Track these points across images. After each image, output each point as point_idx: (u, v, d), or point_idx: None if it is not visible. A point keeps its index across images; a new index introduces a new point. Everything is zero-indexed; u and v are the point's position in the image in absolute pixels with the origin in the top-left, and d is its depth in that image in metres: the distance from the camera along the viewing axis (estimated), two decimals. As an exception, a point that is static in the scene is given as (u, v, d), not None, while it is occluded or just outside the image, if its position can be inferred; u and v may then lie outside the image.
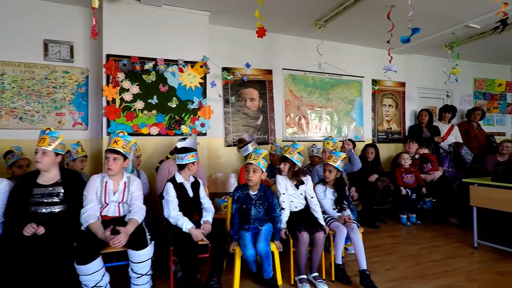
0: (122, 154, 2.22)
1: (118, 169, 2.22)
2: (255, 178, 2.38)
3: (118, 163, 2.21)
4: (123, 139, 2.24)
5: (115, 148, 2.20)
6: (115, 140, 2.22)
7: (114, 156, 2.19)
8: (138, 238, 2.07)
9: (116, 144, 2.21)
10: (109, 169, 2.19)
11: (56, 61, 3.53)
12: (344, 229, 2.42)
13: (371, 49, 4.92)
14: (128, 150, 2.26)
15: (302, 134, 4.59)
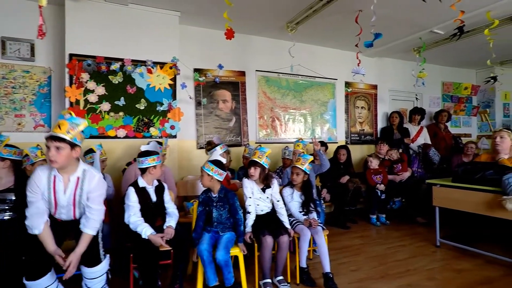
0: (68, 141, 1.74)
1: (64, 161, 1.76)
2: (203, 182, 2.34)
3: (62, 153, 1.73)
4: (69, 121, 1.75)
5: (57, 135, 1.72)
6: (58, 123, 1.74)
7: (56, 144, 1.71)
8: (90, 254, 1.89)
9: (59, 129, 1.72)
10: (52, 161, 1.74)
11: (15, 60, 3.36)
12: (308, 232, 2.43)
13: (344, 51, 5.00)
14: (77, 135, 1.79)
15: (276, 136, 4.60)
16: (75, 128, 1.78)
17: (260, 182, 2.49)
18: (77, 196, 1.86)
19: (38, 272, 1.77)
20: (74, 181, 1.86)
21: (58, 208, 1.88)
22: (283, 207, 2.54)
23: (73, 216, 1.91)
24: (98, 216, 1.94)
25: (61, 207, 1.87)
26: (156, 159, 2.34)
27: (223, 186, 2.43)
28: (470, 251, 3.02)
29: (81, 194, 1.87)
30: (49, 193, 1.82)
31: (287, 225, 2.47)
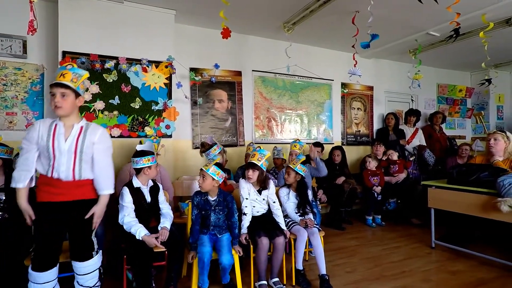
0: (73, 89, 1.78)
1: (68, 108, 1.77)
2: (205, 185, 2.30)
3: (68, 100, 1.76)
4: (72, 71, 1.80)
5: (62, 82, 1.75)
6: (61, 73, 1.78)
7: (62, 90, 1.74)
8: (82, 247, 1.86)
9: (63, 77, 1.77)
10: (57, 107, 1.74)
11: (7, 57, 3.29)
12: (304, 233, 2.42)
13: (341, 52, 5.00)
14: (80, 85, 1.82)
15: (272, 137, 4.58)
16: (78, 78, 1.81)
17: (257, 184, 2.47)
18: (79, 145, 1.80)
19: (45, 264, 1.76)
20: (77, 130, 1.82)
21: (56, 160, 1.76)
22: (279, 208, 2.52)
23: (72, 172, 1.79)
24: (110, 172, 1.92)
25: (60, 157, 1.77)
26: (151, 159, 2.31)
27: (221, 189, 2.40)
28: (465, 253, 3.03)
29: (84, 142, 1.81)
30: (47, 140, 1.75)
31: (283, 226, 2.46)
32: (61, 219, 1.80)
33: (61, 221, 1.81)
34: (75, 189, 1.83)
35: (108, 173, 1.94)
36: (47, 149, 1.76)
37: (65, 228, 1.85)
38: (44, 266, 1.76)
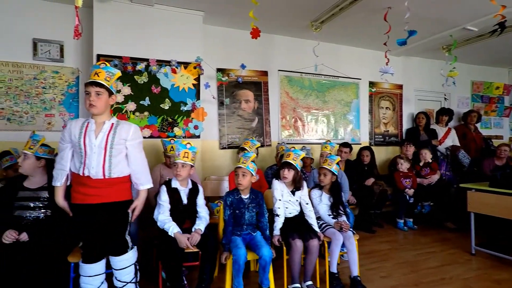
0: (106, 87, 1.84)
1: (102, 106, 1.83)
2: (245, 182, 2.31)
3: (102, 98, 1.82)
4: (106, 70, 1.84)
5: (96, 80, 1.81)
6: (95, 71, 1.82)
7: (97, 89, 1.80)
8: (117, 243, 1.92)
9: (97, 76, 1.81)
10: (92, 106, 1.80)
11: (46, 61, 3.44)
12: (340, 237, 2.36)
13: (368, 51, 4.87)
14: (113, 84, 1.89)
15: (298, 137, 4.53)
16: (111, 76, 1.87)
17: (291, 185, 2.43)
18: (110, 141, 1.83)
19: (93, 257, 1.85)
20: (108, 126, 1.86)
21: (87, 157, 1.80)
22: (312, 210, 2.47)
23: (102, 169, 1.81)
24: (146, 166, 1.99)
25: (90, 154, 1.80)
26: (181, 158, 2.32)
27: (252, 188, 2.39)
28: (509, 260, 2.85)
29: (114, 138, 1.84)
30: (79, 137, 1.81)
31: (316, 228, 2.41)
32: (95, 220, 1.85)
33: (95, 222, 1.86)
34: (106, 189, 1.85)
35: (145, 167, 1.99)
36: (79, 145, 1.81)
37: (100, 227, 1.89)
38: (92, 258, 1.84)
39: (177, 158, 2.29)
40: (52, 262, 1.99)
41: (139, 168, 1.95)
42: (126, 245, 1.94)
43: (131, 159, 1.92)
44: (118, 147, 1.86)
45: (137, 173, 1.95)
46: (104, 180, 1.84)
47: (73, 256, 2.03)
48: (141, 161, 1.96)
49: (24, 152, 2.11)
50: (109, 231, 1.89)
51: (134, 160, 1.93)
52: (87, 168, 1.81)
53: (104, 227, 1.87)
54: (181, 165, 2.27)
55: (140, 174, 1.96)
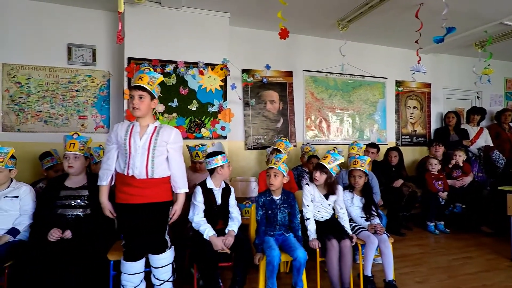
0: (149, 91, 1.90)
1: (145, 109, 1.91)
2: (277, 183, 2.31)
3: (145, 102, 1.89)
4: (149, 75, 1.91)
5: (140, 85, 1.88)
6: (139, 76, 1.90)
7: (140, 93, 1.87)
8: (157, 242, 1.98)
9: (141, 81, 1.88)
10: (135, 109, 1.87)
11: (79, 65, 3.56)
12: (375, 240, 2.30)
13: (396, 49, 4.75)
14: (155, 88, 1.94)
15: (323, 137, 4.47)
16: (154, 81, 1.93)
17: (324, 188, 2.40)
18: (153, 142, 1.90)
19: (134, 255, 1.91)
20: (151, 129, 1.94)
21: (131, 158, 1.87)
22: (345, 213, 2.43)
23: (145, 169, 1.88)
24: (183, 171, 2.04)
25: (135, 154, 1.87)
26: (223, 158, 2.34)
27: (283, 188, 2.38)
28: (554, 267, 2.70)
29: (157, 140, 1.91)
30: (125, 139, 1.89)
31: (348, 230, 2.37)
32: (137, 220, 1.91)
33: (138, 222, 1.91)
34: (149, 189, 1.91)
35: (182, 172, 2.04)
36: (125, 146, 1.89)
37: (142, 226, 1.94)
38: (134, 256, 1.91)
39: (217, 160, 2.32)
40: (93, 259, 2.04)
41: (177, 172, 2.00)
42: (165, 244, 1.99)
43: (171, 162, 1.98)
44: (160, 149, 1.92)
45: (175, 176, 2.00)
46: (147, 180, 1.90)
47: (113, 254, 2.09)
48: (179, 165, 2.02)
49: (74, 154, 2.20)
50: (150, 231, 1.94)
51: (174, 163, 1.99)
52: (131, 168, 1.88)
53: (146, 226, 1.92)
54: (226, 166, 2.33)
55: (178, 177, 2.01)
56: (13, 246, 2.01)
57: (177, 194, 2.04)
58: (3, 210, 2.09)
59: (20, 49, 3.35)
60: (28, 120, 3.39)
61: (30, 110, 3.40)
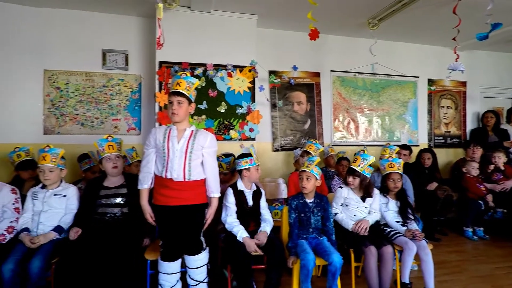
0: (186, 96, 1.96)
1: (183, 114, 1.97)
2: (309, 186, 2.28)
3: (183, 107, 1.95)
4: (186, 80, 1.96)
5: (178, 90, 1.94)
6: (177, 82, 1.96)
7: (178, 99, 1.93)
8: (193, 243, 2.01)
9: (179, 86, 1.94)
10: (174, 114, 1.93)
11: (113, 69, 3.70)
12: (413, 246, 2.21)
13: (428, 46, 4.57)
14: (192, 93, 2.00)
15: (352, 138, 4.38)
16: (191, 86, 1.98)
17: (360, 191, 2.34)
18: (190, 146, 1.95)
19: (171, 255, 1.96)
20: (188, 133, 1.98)
21: (169, 161, 1.92)
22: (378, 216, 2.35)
23: (183, 172, 1.92)
24: (217, 175, 2.07)
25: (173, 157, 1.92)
26: (249, 161, 2.35)
27: (316, 192, 2.35)
28: None
29: (194, 144, 1.96)
30: (163, 142, 1.94)
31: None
32: (175, 221, 1.96)
33: (175, 223, 1.96)
34: (186, 192, 1.95)
35: (216, 176, 2.07)
36: (163, 150, 1.94)
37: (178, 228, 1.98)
38: (170, 257, 1.96)
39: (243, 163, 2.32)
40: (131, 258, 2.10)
41: (211, 176, 2.03)
42: (201, 245, 2.02)
43: (205, 166, 2.02)
44: (196, 153, 1.96)
45: (210, 180, 2.03)
46: (185, 183, 1.94)
47: (150, 253, 2.15)
48: (213, 169, 2.05)
49: (116, 154, 2.29)
50: (187, 232, 1.98)
51: (208, 167, 2.02)
52: (169, 171, 1.92)
53: (182, 228, 1.96)
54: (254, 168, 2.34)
55: (212, 181, 2.04)
56: (59, 243, 2.11)
57: (211, 198, 2.06)
58: (52, 207, 2.21)
59: (59, 55, 3.52)
60: (67, 123, 3.56)
61: (69, 113, 3.57)
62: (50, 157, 2.19)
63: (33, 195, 2.25)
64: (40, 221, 2.17)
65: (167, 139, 1.95)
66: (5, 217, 2.13)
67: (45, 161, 2.19)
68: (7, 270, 1.87)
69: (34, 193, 2.26)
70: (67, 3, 3.42)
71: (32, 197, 2.24)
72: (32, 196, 2.25)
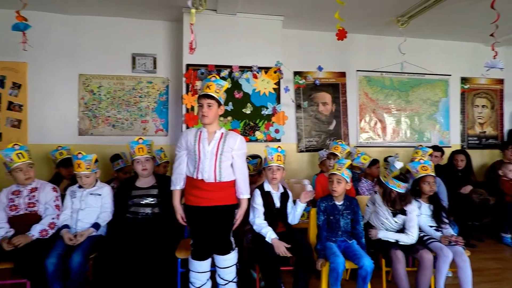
0: (216, 99, 1.98)
1: (213, 116, 1.99)
2: (340, 189, 2.24)
3: (212, 110, 1.97)
4: (216, 83, 1.99)
5: (208, 93, 1.96)
6: (207, 85, 1.99)
7: (208, 101, 1.96)
8: (223, 243, 2.03)
9: (209, 89, 1.97)
10: (204, 116, 1.96)
11: (142, 73, 3.82)
12: (449, 253, 2.12)
13: (461, 43, 4.37)
14: (221, 95, 2.02)
15: (378, 139, 4.26)
16: (220, 88, 2.01)
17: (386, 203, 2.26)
18: (220, 148, 1.98)
19: (202, 255, 2.00)
20: (218, 136, 2.01)
21: (201, 162, 1.96)
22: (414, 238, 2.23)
23: (213, 173, 1.95)
24: (247, 176, 2.08)
25: (204, 159, 1.95)
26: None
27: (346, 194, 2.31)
28: None
29: (224, 146, 1.98)
30: (194, 144, 1.98)
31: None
32: (206, 221, 1.99)
33: (207, 223, 2.00)
34: (217, 192, 1.99)
35: (245, 177, 2.08)
36: (194, 152, 1.98)
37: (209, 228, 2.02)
38: (201, 256, 1.99)
39: (271, 161, 2.32)
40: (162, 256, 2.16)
41: (240, 177, 2.05)
42: (230, 245, 2.04)
43: (235, 167, 2.04)
44: (226, 155, 1.99)
45: (239, 182, 2.05)
46: (215, 184, 1.97)
47: (181, 252, 2.19)
48: (243, 171, 2.07)
49: (146, 157, 2.37)
50: (217, 232, 2.01)
51: (238, 169, 2.04)
52: (200, 172, 1.96)
53: (213, 228, 1.99)
54: (276, 168, 2.30)
55: (241, 183, 2.06)
56: (96, 240, 2.21)
57: (240, 200, 2.08)
58: (89, 205, 2.32)
59: (92, 60, 3.69)
60: (99, 125, 3.72)
61: (101, 115, 3.72)
62: (84, 164, 2.29)
63: (71, 194, 2.37)
64: (78, 219, 2.28)
65: (198, 141, 1.99)
66: (47, 213, 2.25)
67: (80, 168, 2.30)
68: (50, 264, 1.98)
69: (72, 192, 2.38)
70: (100, 11, 3.58)
71: (71, 196, 2.36)
72: (71, 195, 2.37)
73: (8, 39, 3.26)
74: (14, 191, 2.26)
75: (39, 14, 3.43)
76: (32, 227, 2.14)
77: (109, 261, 2.07)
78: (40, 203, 2.26)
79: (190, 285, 2.04)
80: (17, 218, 2.20)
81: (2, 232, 2.09)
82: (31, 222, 2.18)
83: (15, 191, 2.26)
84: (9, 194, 2.25)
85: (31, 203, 2.24)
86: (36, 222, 2.19)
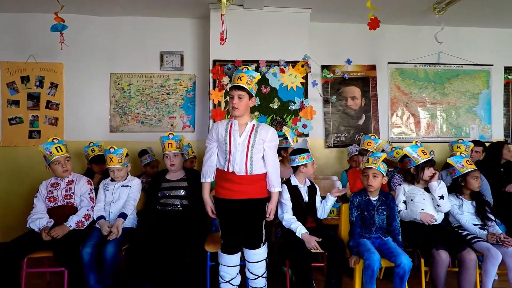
0: (247, 91, 1.94)
1: (244, 108, 1.95)
2: (376, 184, 2.14)
3: (243, 101, 1.93)
4: (247, 74, 1.94)
5: (239, 84, 1.92)
6: (238, 76, 1.94)
7: (239, 93, 1.92)
8: (253, 237, 2.00)
9: (240, 80, 1.92)
10: (235, 108, 1.93)
11: (170, 70, 3.87)
12: (497, 253, 1.95)
13: (505, 30, 4.06)
14: (253, 87, 1.98)
15: (412, 134, 4.06)
16: (252, 80, 1.96)
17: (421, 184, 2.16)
18: (251, 140, 1.94)
19: (231, 248, 1.98)
20: (249, 128, 1.97)
21: (231, 155, 1.93)
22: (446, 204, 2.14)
23: (245, 166, 1.92)
24: (278, 169, 2.04)
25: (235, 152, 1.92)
26: (307, 157, 2.28)
27: (381, 189, 2.20)
28: None
29: (255, 138, 1.94)
30: (225, 136, 1.95)
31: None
32: (237, 214, 1.97)
33: (237, 216, 1.97)
34: (248, 185, 1.96)
35: (277, 170, 2.03)
36: (225, 144, 1.95)
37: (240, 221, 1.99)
38: (231, 250, 1.98)
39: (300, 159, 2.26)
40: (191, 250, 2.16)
41: (272, 170, 2.00)
42: (260, 239, 2.00)
43: (266, 160, 2.00)
44: (258, 147, 1.96)
45: (271, 175, 2.01)
46: (247, 176, 1.94)
47: (210, 245, 2.19)
48: (275, 163, 2.02)
49: (174, 153, 2.40)
50: (248, 226, 1.98)
51: (269, 161, 2.00)
52: (231, 165, 1.94)
53: (243, 221, 1.96)
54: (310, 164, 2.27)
55: (273, 176, 2.01)
56: (128, 231, 2.25)
57: (271, 193, 2.03)
58: (120, 197, 2.38)
59: (123, 59, 3.79)
60: (129, 122, 3.82)
61: (131, 112, 3.82)
62: (116, 158, 2.35)
63: (104, 187, 2.44)
64: (111, 211, 2.34)
65: (229, 133, 1.96)
66: (82, 205, 2.33)
67: (113, 162, 2.35)
68: (86, 253, 2.05)
69: (105, 185, 2.45)
70: (130, 11, 3.67)
71: (104, 189, 2.43)
72: (104, 188, 2.44)
73: (46, 42, 3.44)
74: (52, 183, 2.36)
75: (73, 17, 3.57)
76: (70, 218, 2.22)
77: (140, 253, 2.09)
78: (76, 195, 2.35)
79: (220, 278, 2.03)
80: (55, 209, 2.29)
81: (43, 222, 2.18)
82: (68, 213, 2.26)
83: (54, 183, 2.36)
84: (48, 186, 2.35)
85: (67, 195, 2.33)
86: (72, 213, 2.27)
